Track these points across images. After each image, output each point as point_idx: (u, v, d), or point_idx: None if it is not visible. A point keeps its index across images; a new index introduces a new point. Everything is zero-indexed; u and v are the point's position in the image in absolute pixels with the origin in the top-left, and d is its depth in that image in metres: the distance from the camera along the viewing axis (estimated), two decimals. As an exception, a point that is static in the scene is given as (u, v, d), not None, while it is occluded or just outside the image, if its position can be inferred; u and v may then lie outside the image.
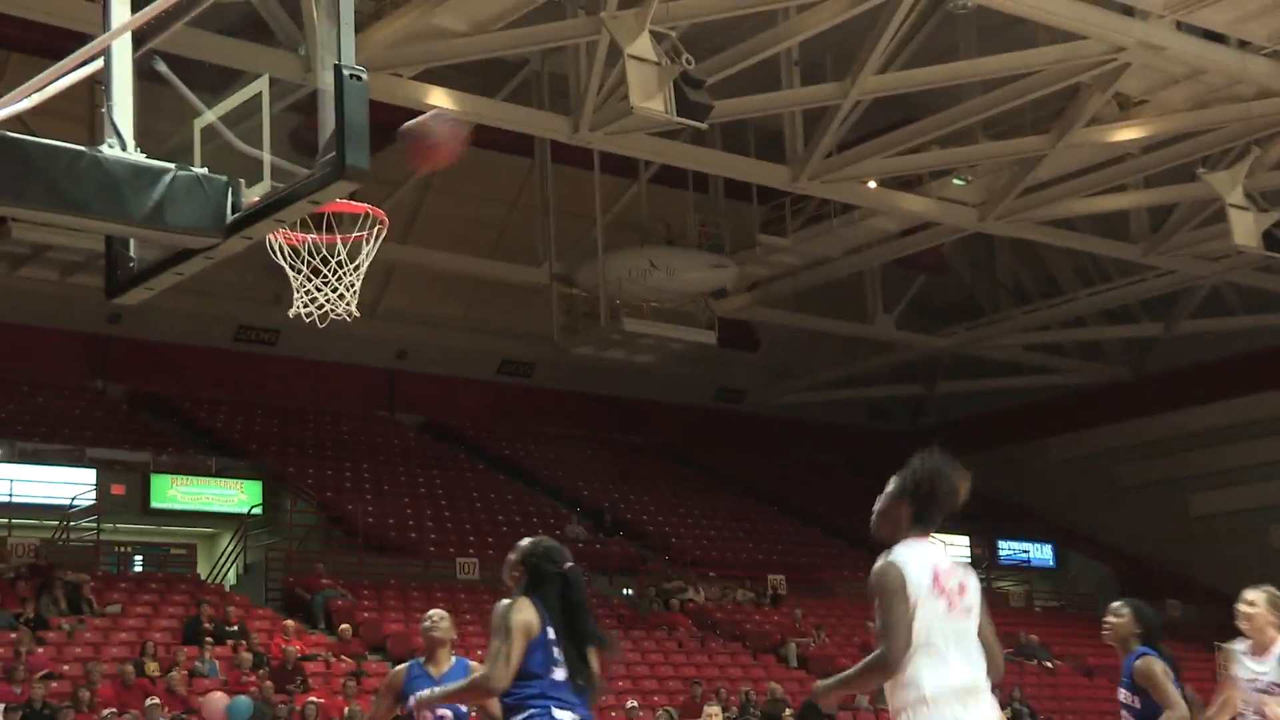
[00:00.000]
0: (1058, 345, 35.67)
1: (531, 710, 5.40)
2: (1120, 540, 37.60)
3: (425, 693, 6.56)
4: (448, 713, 6.83)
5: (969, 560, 35.38)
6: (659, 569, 26.97)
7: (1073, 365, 36.24)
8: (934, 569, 4.67)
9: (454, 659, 6.98)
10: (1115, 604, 7.00)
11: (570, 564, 5.74)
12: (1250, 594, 7.14)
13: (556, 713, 5.44)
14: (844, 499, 36.15)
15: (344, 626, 20.62)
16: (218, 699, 16.87)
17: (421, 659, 7.06)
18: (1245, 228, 24.11)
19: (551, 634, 5.54)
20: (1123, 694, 6.79)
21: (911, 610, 4.58)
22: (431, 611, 7.29)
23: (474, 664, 6.69)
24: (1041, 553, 36.68)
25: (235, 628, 19.65)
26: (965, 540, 35.93)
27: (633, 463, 33.16)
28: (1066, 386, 36.91)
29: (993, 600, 32.70)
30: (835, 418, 38.17)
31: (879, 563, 4.73)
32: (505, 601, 5.60)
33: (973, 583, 4.80)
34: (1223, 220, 24.64)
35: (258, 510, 24.73)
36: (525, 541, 5.86)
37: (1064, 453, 39.14)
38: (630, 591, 26.29)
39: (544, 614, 5.55)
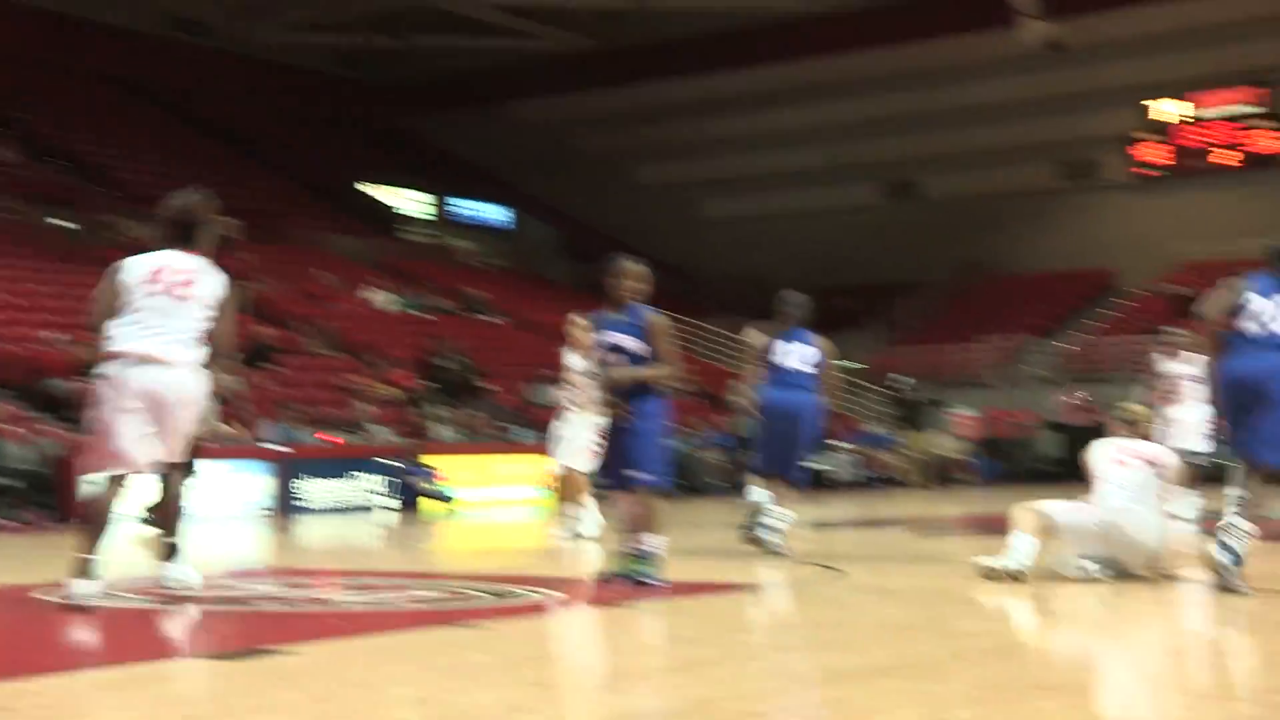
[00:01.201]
0: (530, 9, 35.79)
1: None
2: (572, 206, 39.28)
3: None
4: None
5: (431, 218, 35.99)
6: (100, 201, 25.50)
7: (543, 30, 36.57)
8: (155, 266, 6.30)
9: None
10: (623, 259, 7.27)
11: None
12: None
13: None
14: (307, 146, 35.38)
15: None
16: None
17: None
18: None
19: None
20: (622, 339, 7.01)
21: (116, 291, 6.24)
22: None
23: None
24: (497, 213, 37.76)
25: None
26: (423, 197, 36.37)
27: (75, 87, 30.69)
28: (534, 51, 37.34)
29: (446, 258, 33.44)
30: (304, 62, 36.83)
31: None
32: None
33: (205, 281, 6.34)
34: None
35: None
36: None
37: (526, 117, 39.92)
38: (66, 223, 24.68)
39: None
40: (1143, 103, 34.54)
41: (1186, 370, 11.87)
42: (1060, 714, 3.94)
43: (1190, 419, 11.85)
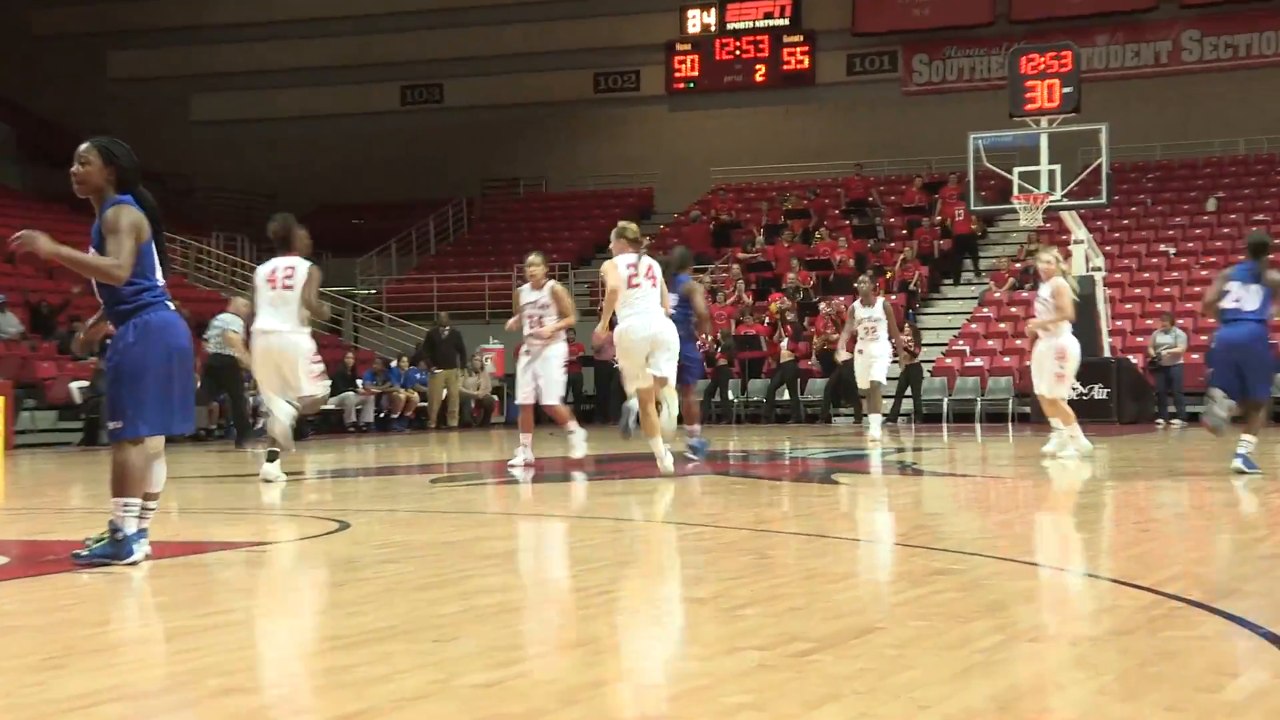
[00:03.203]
0: None
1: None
2: (26, 97, 36.96)
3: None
4: None
5: None
6: None
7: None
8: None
9: None
10: (82, 148, 6.38)
11: None
12: None
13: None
14: None
15: None
16: None
17: None
18: None
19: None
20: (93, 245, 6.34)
21: None
22: None
23: None
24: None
25: None
26: None
27: None
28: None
29: None
30: None
31: None
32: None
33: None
34: None
35: None
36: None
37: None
38: None
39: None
40: (680, 10, 36.04)
41: (877, 314, 17.01)
42: (576, 671, 4.17)
43: (883, 353, 17.23)
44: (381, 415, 25.68)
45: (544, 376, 12.90)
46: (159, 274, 6.33)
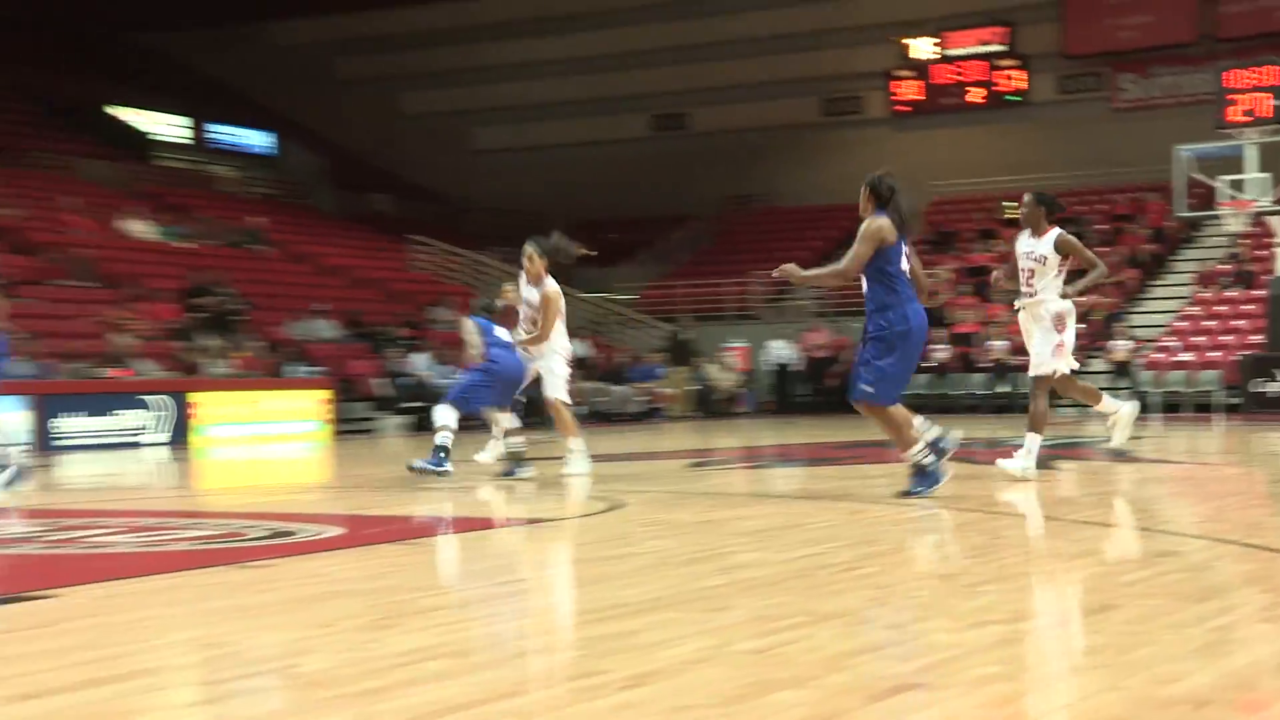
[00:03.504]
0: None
1: None
2: (335, 133, 38.39)
3: None
4: None
5: (188, 142, 34.65)
6: None
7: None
8: None
9: None
10: None
11: None
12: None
13: None
14: (49, 65, 33.62)
15: None
16: None
17: None
18: None
19: None
20: None
21: None
22: None
23: None
24: (259, 139, 36.64)
25: None
26: (179, 120, 35.01)
27: None
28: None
29: (206, 185, 32.28)
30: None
31: None
32: None
33: None
34: None
35: None
36: None
37: (286, 39, 38.75)
38: None
39: None
40: (900, 40, 35.48)
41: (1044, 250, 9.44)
42: (836, 641, 4.12)
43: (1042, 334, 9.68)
44: (641, 407, 26.14)
45: (544, 370, 10.68)
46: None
